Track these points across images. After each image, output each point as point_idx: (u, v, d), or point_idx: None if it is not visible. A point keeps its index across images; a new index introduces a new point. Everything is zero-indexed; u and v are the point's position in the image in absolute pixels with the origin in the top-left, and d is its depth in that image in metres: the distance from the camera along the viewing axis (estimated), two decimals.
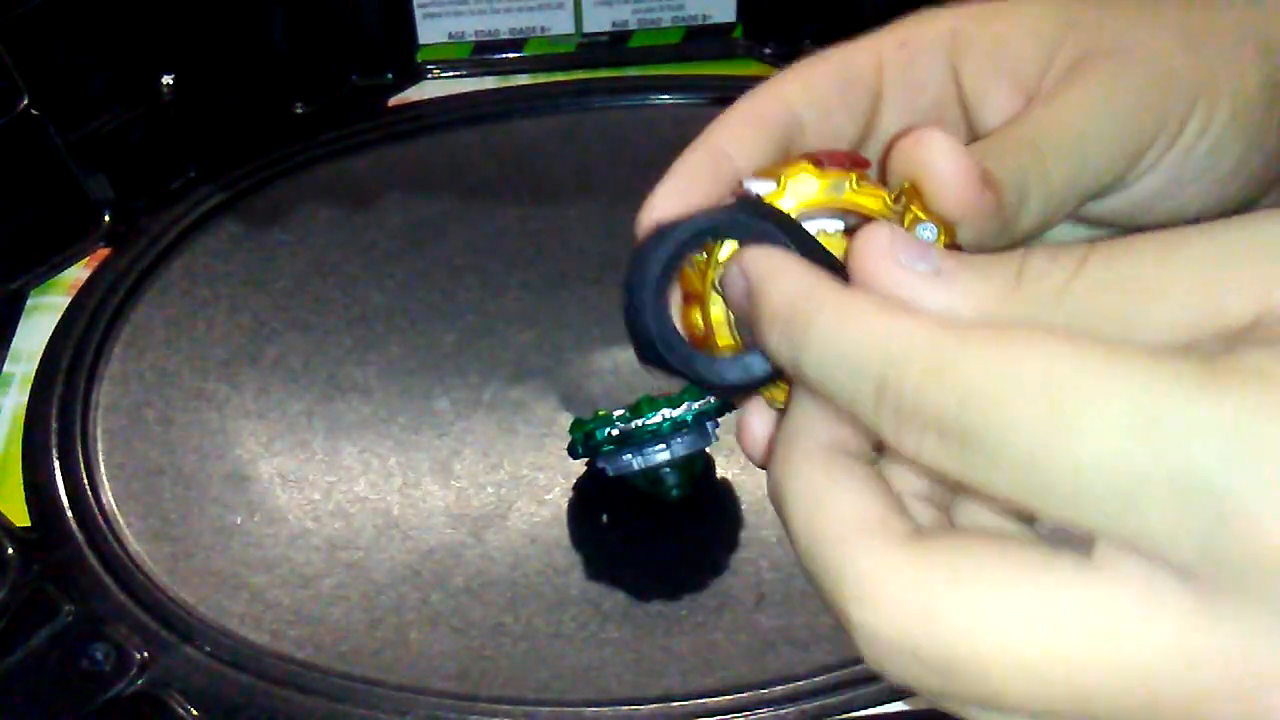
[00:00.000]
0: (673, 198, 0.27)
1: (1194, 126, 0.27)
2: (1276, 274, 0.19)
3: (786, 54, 0.73)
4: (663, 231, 0.25)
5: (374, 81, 0.72)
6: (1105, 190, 0.27)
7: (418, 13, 0.73)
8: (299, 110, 0.71)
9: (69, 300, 0.60)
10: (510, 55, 0.74)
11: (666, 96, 0.71)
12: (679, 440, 0.49)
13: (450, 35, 0.74)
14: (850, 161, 0.25)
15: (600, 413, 0.50)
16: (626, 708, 0.45)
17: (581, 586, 0.49)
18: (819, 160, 0.25)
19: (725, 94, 0.70)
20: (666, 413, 0.49)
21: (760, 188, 0.25)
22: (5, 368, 0.56)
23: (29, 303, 0.60)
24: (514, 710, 0.45)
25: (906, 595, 0.20)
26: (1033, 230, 0.26)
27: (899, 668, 0.21)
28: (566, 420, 0.53)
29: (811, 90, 0.28)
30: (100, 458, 0.53)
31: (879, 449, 0.24)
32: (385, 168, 0.68)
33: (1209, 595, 0.18)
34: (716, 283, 0.25)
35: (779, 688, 0.45)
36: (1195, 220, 0.28)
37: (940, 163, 0.25)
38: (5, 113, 0.60)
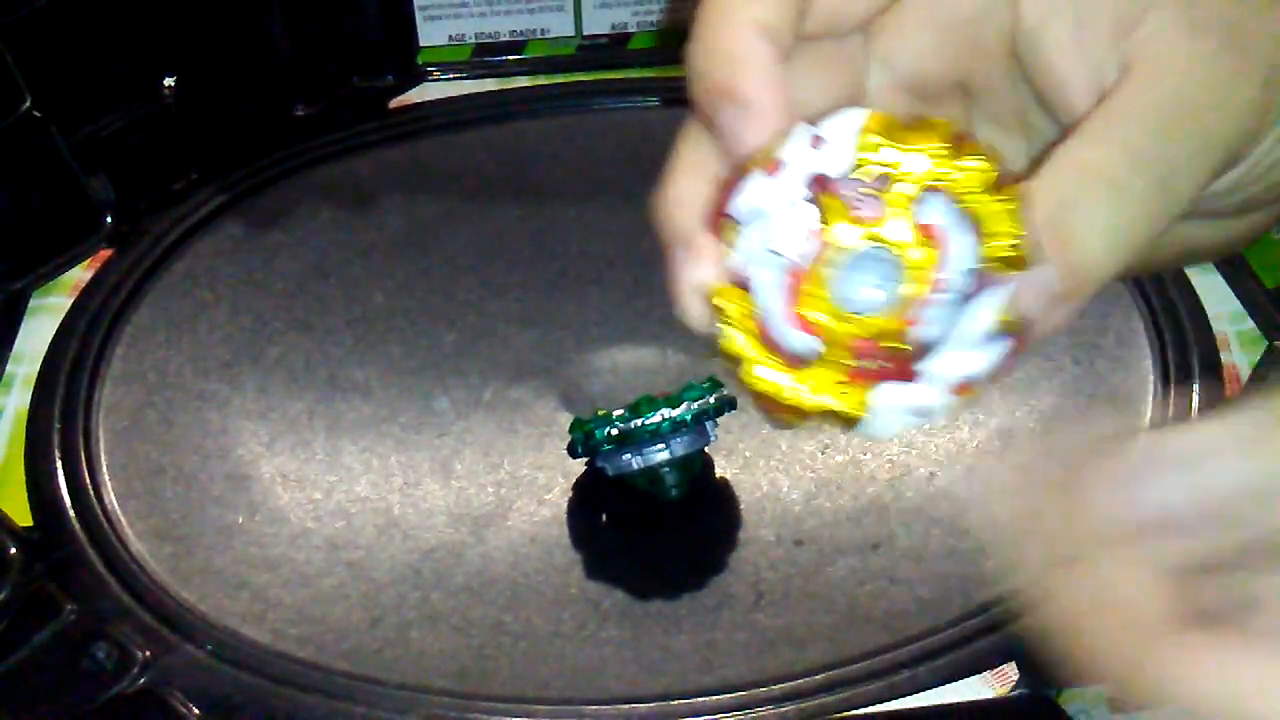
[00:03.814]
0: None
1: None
2: None
3: None
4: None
5: (375, 83, 0.73)
6: (1232, 164, 0.26)
7: (418, 15, 0.73)
8: (300, 112, 0.71)
9: (71, 301, 0.60)
10: (510, 57, 0.74)
11: (666, 98, 0.71)
12: (678, 440, 0.49)
13: (451, 37, 0.74)
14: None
15: (600, 412, 0.50)
16: (626, 706, 0.45)
17: (581, 586, 0.49)
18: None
19: None
20: (666, 412, 0.49)
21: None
22: (8, 368, 0.57)
23: (31, 304, 0.60)
24: (514, 709, 0.45)
25: None
26: (1186, 209, 0.25)
27: None
28: (566, 420, 0.53)
29: None
30: (102, 457, 0.53)
31: None
32: (386, 169, 0.68)
33: None
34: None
35: (778, 686, 0.45)
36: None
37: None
38: (8, 114, 0.60)
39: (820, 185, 0.24)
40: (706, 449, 0.51)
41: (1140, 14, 0.26)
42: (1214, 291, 0.57)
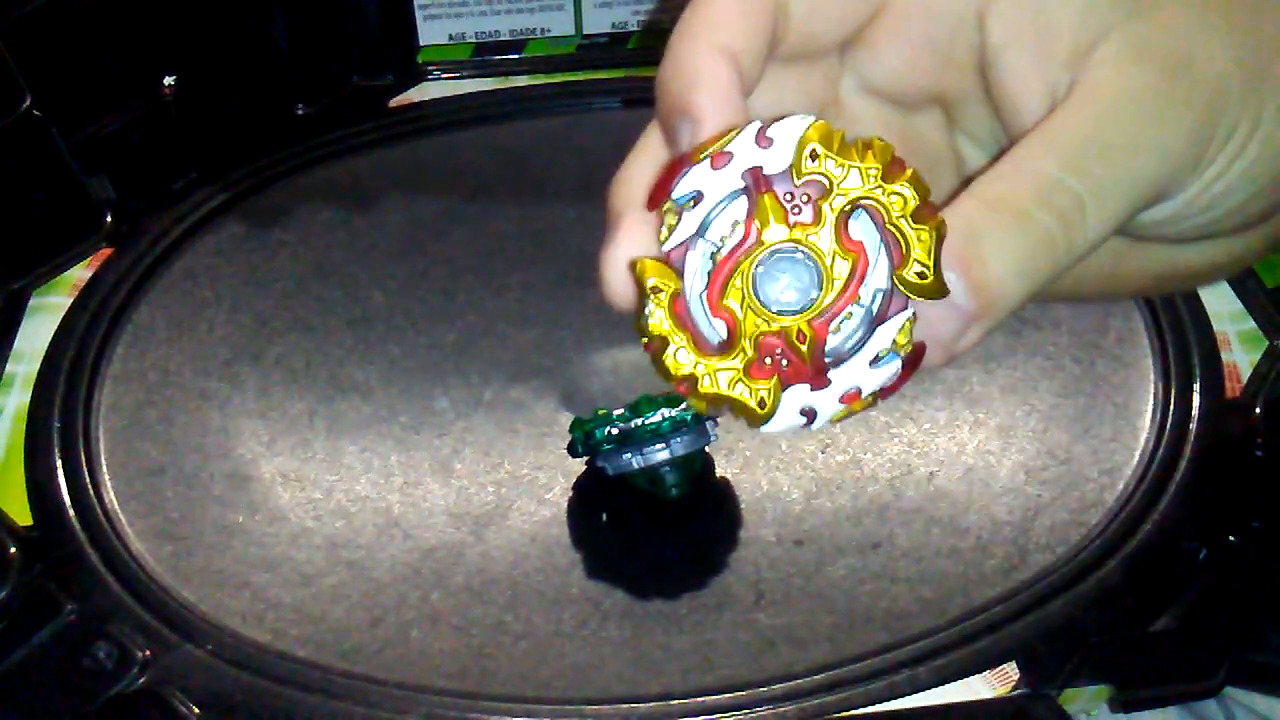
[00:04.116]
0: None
1: (1244, 130, 0.26)
2: None
3: None
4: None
5: (375, 82, 0.72)
6: (1158, 199, 0.26)
7: (418, 14, 0.73)
8: (300, 111, 0.71)
9: (71, 300, 0.60)
10: (510, 56, 0.74)
11: None
12: (678, 439, 0.49)
13: (451, 36, 0.74)
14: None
15: (600, 412, 0.50)
16: (626, 706, 0.45)
17: (581, 585, 0.49)
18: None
19: None
20: (666, 412, 0.49)
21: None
22: (8, 368, 0.57)
23: (31, 303, 0.60)
24: (514, 709, 0.45)
25: None
26: (1097, 242, 0.25)
27: None
28: (566, 420, 0.53)
29: None
30: (102, 457, 0.53)
31: None
32: (386, 168, 0.68)
33: None
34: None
35: (778, 686, 0.45)
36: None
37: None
38: (8, 114, 0.60)
39: (759, 182, 0.24)
40: (706, 449, 0.51)
41: (1096, 39, 0.26)
42: (1214, 291, 0.57)
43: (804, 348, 0.25)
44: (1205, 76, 0.26)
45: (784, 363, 0.25)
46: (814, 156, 0.24)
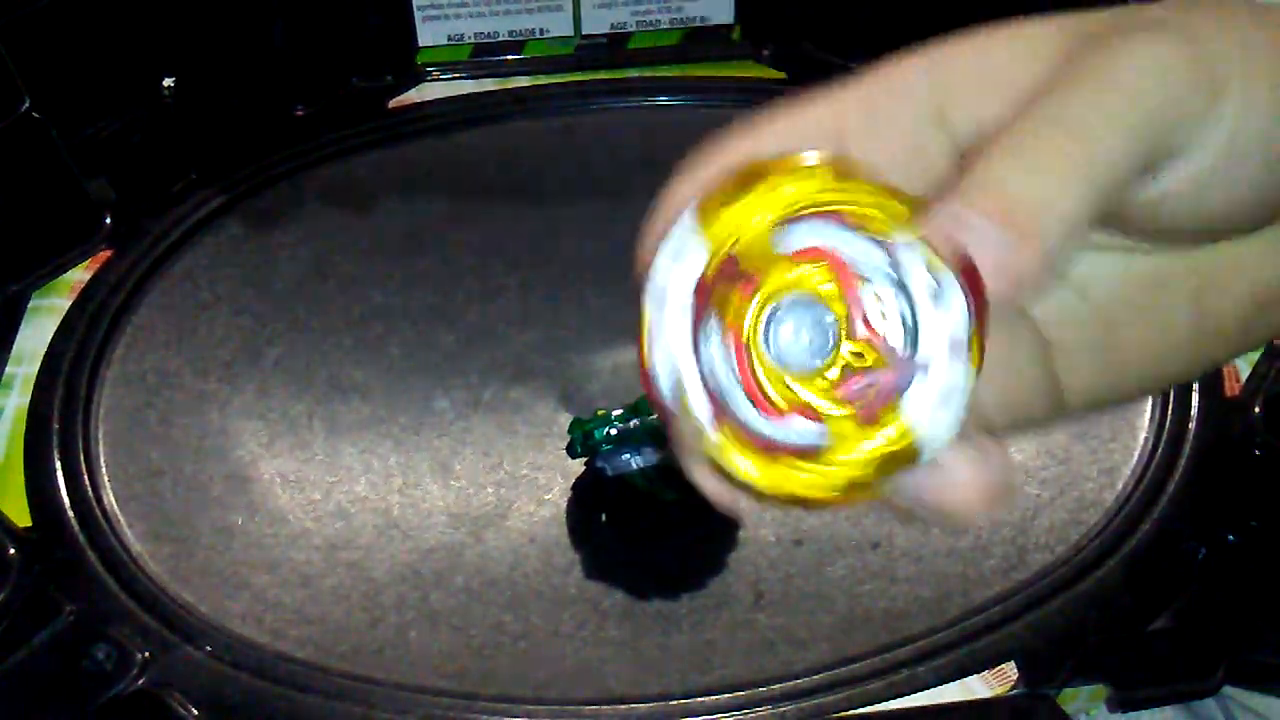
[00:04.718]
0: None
1: (1235, 97, 0.24)
2: None
3: (784, 55, 0.73)
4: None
5: (374, 84, 0.73)
6: (1140, 176, 0.24)
7: (417, 15, 0.73)
8: (299, 112, 0.71)
9: (70, 302, 0.60)
10: (510, 57, 0.74)
11: (665, 98, 0.71)
12: None
13: (450, 37, 0.74)
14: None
15: (599, 412, 0.50)
16: (625, 706, 0.45)
17: (580, 586, 0.49)
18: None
19: (724, 95, 0.71)
20: None
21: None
22: (7, 369, 0.57)
23: (30, 304, 0.60)
24: (513, 709, 0.45)
25: None
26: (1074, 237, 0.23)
27: None
28: (566, 420, 0.53)
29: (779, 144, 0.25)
30: (101, 459, 0.53)
31: None
32: (385, 169, 0.68)
33: None
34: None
35: (777, 686, 0.45)
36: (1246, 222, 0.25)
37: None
38: (7, 115, 0.60)
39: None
40: None
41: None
42: None
43: (878, 368, 0.23)
44: (1178, 34, 0.24)
45: (864, 400, 0.23)
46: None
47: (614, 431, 0.49)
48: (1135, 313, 0.27)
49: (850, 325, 0.23)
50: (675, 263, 0.23)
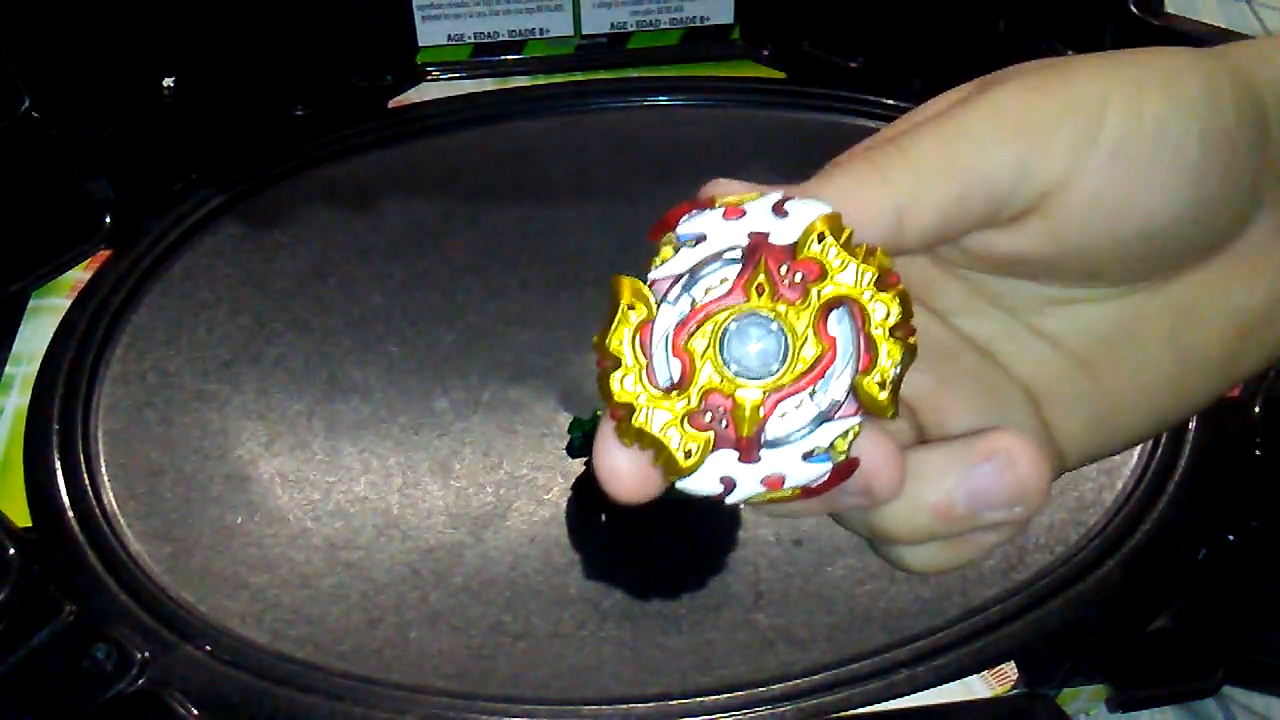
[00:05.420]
0: None
1: (1115, 111, 0.24)
2: None
3: (785, 55, 0.73)
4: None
5: (374, 83, 0.73)
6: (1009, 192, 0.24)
7: (417, 15, 0.73)
8: (299, 112, 0.71)
9: (70, 302, 0.60)
10: (509, 57, 0.74)
11: (665, 98, 0.71)
12: None
13: (450, 37, 0.74)
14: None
15: (599, 412, 0.50)
16: (625, 706, 0.45)
17: (580, 586, 0.49)
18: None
19: (724, 95, 0.71)
20: None
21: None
22: (7, 369, 0.57)
23: (30, 304, 0.60)
24: (513, 709, 0.45)
25: None
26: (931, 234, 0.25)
27: None
28: (566, 420, 0.53)
29: None
30: (101, 458, 0.53)
31: None
32: (385, 169, 0.68)
33: None
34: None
35: (777, 686, 0.45)
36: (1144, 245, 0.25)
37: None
38: (7, 115, 0.60)
39: (762, 247, 0.24)
40: None
41: None
42: None
43: (747, 416, 0.24)
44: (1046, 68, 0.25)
45: (723, 424, 0.24)
46: (820, 240, 0.24)
47: None
48: (1114, 358, 0.27)
49: (780, 389, 0.24)
50: (776, 215, 0.24)
